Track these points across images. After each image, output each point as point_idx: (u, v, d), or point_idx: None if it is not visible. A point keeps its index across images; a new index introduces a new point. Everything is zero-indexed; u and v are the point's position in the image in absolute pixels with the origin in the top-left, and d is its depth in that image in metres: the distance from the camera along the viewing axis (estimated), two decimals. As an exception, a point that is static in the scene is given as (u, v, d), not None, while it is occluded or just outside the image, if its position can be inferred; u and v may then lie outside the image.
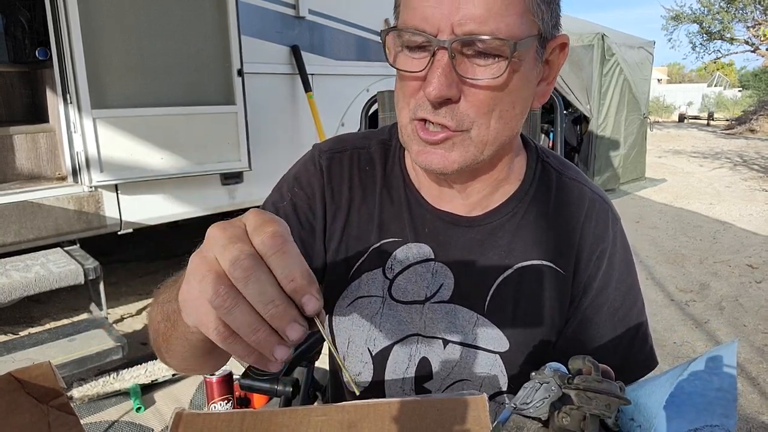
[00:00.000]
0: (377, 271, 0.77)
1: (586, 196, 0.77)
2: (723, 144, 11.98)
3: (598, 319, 0.75)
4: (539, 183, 0.77)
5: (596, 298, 0.74)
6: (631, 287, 0.76)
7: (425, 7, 0.58)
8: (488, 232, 0.75)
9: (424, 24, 0.58)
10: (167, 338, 0.57)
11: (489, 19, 0.57)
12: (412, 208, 0.77)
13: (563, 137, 1.28)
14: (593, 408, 0.38)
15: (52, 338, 2.35)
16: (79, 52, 2.41)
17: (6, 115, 3.25)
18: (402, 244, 0.76)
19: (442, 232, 0.75)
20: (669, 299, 3.54)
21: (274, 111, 3.37)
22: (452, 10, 0.57)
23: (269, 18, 3.27)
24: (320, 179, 0.78)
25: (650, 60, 7.33)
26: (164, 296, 0.58)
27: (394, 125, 0.82)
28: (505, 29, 0.58)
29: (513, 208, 0.75)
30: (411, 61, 0.62)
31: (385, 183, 0.78)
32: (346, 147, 0.81)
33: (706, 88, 22.98)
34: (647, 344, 0.77)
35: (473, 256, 0.75)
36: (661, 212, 5.92)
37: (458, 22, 0.57)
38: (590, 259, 0.74)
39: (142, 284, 3.67)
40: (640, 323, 0.76)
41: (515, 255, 0.74)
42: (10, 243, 2.45)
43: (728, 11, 18.46)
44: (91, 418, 2.17)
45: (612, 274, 0.75)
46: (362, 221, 0.77)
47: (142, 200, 2.83)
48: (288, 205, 0.78)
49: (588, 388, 0.38)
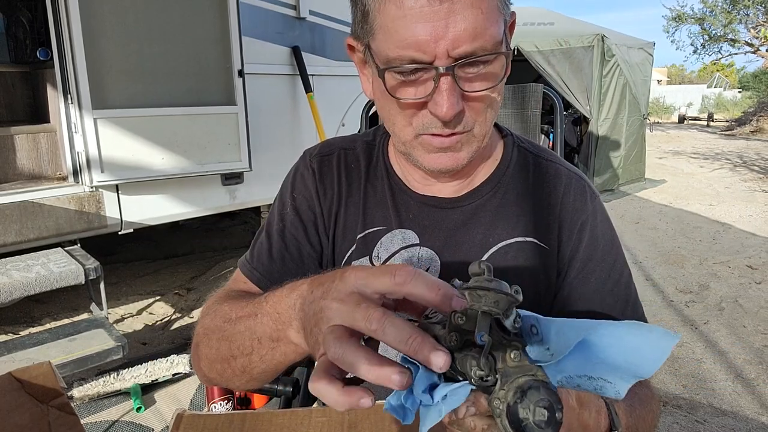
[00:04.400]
0: (364, 260, 0.79)
1: (562, 174, 0.80)
2: (723, 145, 11.98)
3: (585, 290, 0.77)
4: (516, 164, 0.81)
5: (582, 269, 0.77)
6: (616, 259, 0.78)
7: (414, 35, 0.59)
8: (471, 213, 0.78)
9: (420, 54, 0.60)
10: (249, 360, 0.60)
11: (477, 35, 0.59)
12: (396, 196, 0.80)
13: (563, 138, 1.28)
14: (483, 305, 0.39)
15: (52, 338, 2.35)
16: (80, 52, 2.41)
17: (7, 115, 3.25)
18: (387, 231, 0.79)
19: (427, 217, 0.79)
20: (668, 300, 3.54)
21: (274, 112, 3.37)
22: (441, 32, 0.58)
23: (270, 19, 3.27)
24: (313, 181, 0.83)
25: (650, 61, 7.34)
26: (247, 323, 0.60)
27: (378, 128, 0.88)
28: (490, 37, 0.60)
29: (493, 187, 0.79)
30: (409, 89, 0.64)
31: (368, 176, 0.82)
32: (333, 149, 0.85)
33: (706, 89, 22.96)
34: (639, 310, 0.79)
35: (457, 237, 0.77)
36: (660, 213, 5.92)
37: (451, 45, 0.59)
38: (572, 231, 0.77)
39: (142, 284, 3.67)
40: (629, 294, 0.79)
41: (498, 233, 0.77)
42: (11, 243, 2.46)
43: (730, 12, 18.46)
44: (92, 417, 2.18)
45: (596, 246, 0.77)
46: (349, 214, 0.81)
47: (142, 200, 2.83)
48: (291, 210, 0.82)
49: (477, 287, 0.40)
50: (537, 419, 0.35)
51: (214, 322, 0.66)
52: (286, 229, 0.81)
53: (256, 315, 0.57)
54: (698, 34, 20.38)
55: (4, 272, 2.33)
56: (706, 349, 2.87)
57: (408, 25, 0.59)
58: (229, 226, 4.95)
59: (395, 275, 0.42)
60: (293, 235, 0.81)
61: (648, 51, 7.20)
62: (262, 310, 0.56)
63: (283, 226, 0.81)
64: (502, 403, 0.36)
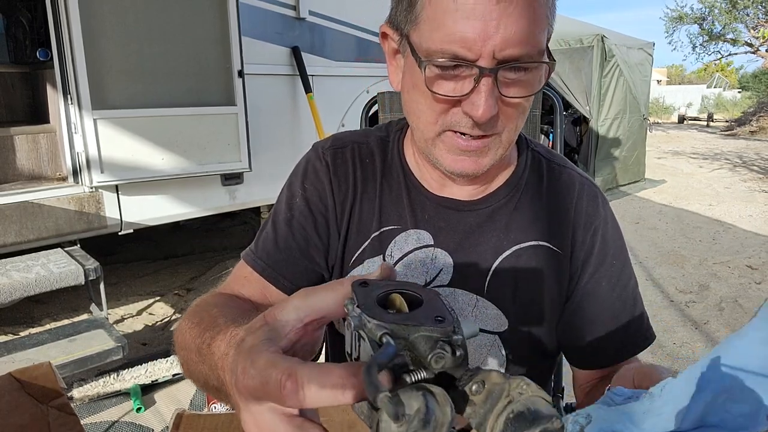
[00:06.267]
0: (377, 258, 0.78)
1: (575, 180, 0.81)
2: (722, 145, 11.99)
3: (598, 293, 0.77)
4: (531, 169, 0.81)
5: (595, 273, 0.77)
6: (625, 265, 0.80)
7: (463, 31, 0.58)
8: (486, 216, 0.78)
9: (464, 51, 0.59)
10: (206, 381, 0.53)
11: (524, 40, 0.59)
12: (412, 196, 0.79)
13: (563, 138, 1.28)
14: (414, 336, 0.33)
15: (52, 338, 2.35)
16: (80, 52, 2.41)
17: (7, 115, 3.25)
18: (401, 231, 0.78)
19: (442, 218, 0.78)
20: (668, 300, 3.54)
21: (274, 112, 3.37)
22: (491, 32, 0.57)
23: (270, 19, 3.27)
24: (327, 173, 0.80)
25: (650, 61, 7.34)
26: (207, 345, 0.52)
27: (390, 123, 0.86)
28: (537, 45, 0.60)
29: (509, 192, 0.79)
30: (447, 84, 0.63)
31: (384, 173, 0.81)
32: (346, 143, 0.83)
33: (706, 90, 22.96)
34: (645, 318, 0.80)
35: (472, 240, 0.77)
36: (660, 213, 5.92)
37: (499, 47, 0.58)
38: (585, 236, 0.78)
39: (142, 284, 3.67)
40: (636, 298, 0.80)
41: (513, 237, 0.77)
42: (10, 243, 2.45)
43: (730, 12, 18.47)
44: (92, 418, 2.17)
45: (607, 251, 0.78)
46: (364, 210, 0.80)
47: (142, 201, 2.83)
48: (300, 200, 0.80)
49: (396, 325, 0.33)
50: None
51: (181, 340, 0.60)
52: (294, 219, 0.79)
53: (204, 362, 0.51)
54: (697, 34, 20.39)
55: (3, 273, 2.33)
56: (707, 349, 2.87)
57: (458, 20, 0.58)
58: (229, 226, 4.95)
59: (283, 396, 0.33)
60: (301, 224, 0.78)
61: (648, 51, 7.20)
62: (208, 360, 0.50)
63: (291, 215, 0.79)
64: None
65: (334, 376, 0.32)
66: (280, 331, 0.38)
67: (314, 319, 0.39)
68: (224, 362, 0.44)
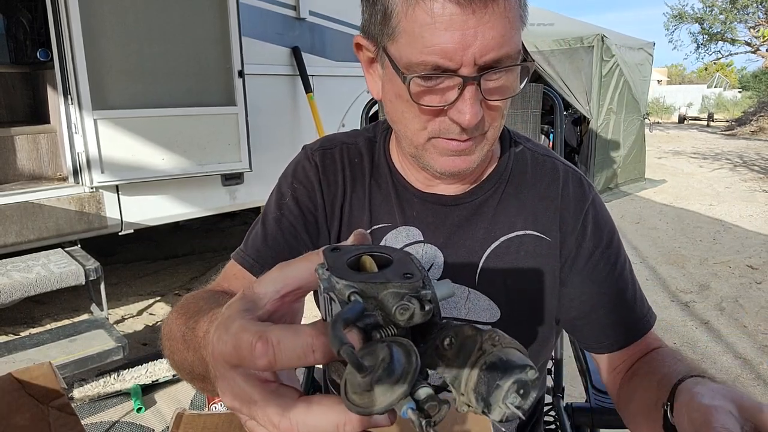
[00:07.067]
0: None
1: (559, 168, 0.81)
2: (723, 145, 11.98)
3: (596, 277, 0.78)
4: (515, 161, 0.82)
5: (590, 257, 0.78)
6: (620, 248, 0.80)
7: (442, 42, 0.59)
8: (473, 209, 0.79)
9: (445, 61, 0.60)
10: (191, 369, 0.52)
11: (502, 43, 0.60)
12: (400, 194, 0.81)
13: (563, 138, 1.28)
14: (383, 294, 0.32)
15: (52, 339, 2.35)
16: (80, 52, 2.41)
17: (7, 115, 3.26)
18: (391, 228, 0.80)
19: (430, 214, 0.80)
20: (669, 300, 3.54)
21: (274, 112, 3.37)
22: (470, 41, 0.58)
23: (270, 19, 3.27)
24: (316, 173, 0.82)
25: (650, 61, 7.33)
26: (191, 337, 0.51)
27: (377, 123, 0.88)
28: (515, 44, 0.61)
29: (494, 184, 0.80)
30: (431, 95, 0.64)
31: (373, 173, 0.83)
32: (335, 143, 0.85)
33: (706, 89, 22.94)
34: (645, 301, 0.81)
35: (461, 233, 0.79)
36: (661, 213, 5.92)
37: (479, 53, 0.59)
38: (576, 222, 0.78)
39: (142, 285, 3.67)
40: (634, 281, 0.80)
41: (500, 227, 0.78)
42: (11, 243, 2.46)
43: (730, 11, 18.47)
44: (92, 418, 2.17)
45: (601, 235, 0.79)
46: (354, 210, 0.82)
47: (143, 201, 2.83)
48: (290, 200, 0.81)
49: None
50: None
51: (167, 331, 0.59)
52: (283, 217, 0.80)
53: (188, 349, 0.50)
54: (698, 33, 20.39)
55: (4, 273, 2.33)
56: (707, 349, 2.87)
57: (436, 32, 0.58)
58: (229, 226, 4.95)
59: (254, 358, 0.32)
60: (291, 222, 0.80)
61: (648, 51, 7.20)
62: (192, 344, 0.49)
63: (280, 214, 0.81)
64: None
65: (305, 335, 0.32)
66: (257, 303, 0.38)
67: (291, 290, 0.39)
68: (205, 340, 0.44)
